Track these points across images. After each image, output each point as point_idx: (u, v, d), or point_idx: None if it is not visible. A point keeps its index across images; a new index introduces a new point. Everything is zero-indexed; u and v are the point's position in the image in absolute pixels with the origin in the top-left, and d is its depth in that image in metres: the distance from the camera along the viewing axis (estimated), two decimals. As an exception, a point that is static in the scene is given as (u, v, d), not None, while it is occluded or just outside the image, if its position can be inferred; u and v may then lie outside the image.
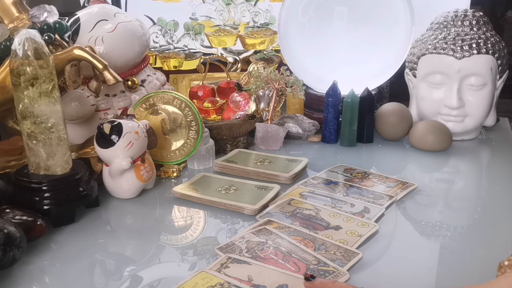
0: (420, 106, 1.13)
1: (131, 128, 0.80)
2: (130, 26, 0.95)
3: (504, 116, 1.25)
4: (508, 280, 0.45)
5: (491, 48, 1.05)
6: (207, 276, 0.59)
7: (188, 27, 1.35)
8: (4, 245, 0.60)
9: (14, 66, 0.70)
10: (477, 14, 1.11)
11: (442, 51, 1.07)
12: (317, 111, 1.19)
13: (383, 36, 1.16)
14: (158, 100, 0.92)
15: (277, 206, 0.78)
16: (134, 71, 0.97)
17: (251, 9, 1.34)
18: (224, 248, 0.65)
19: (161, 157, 0.93)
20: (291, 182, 0.89)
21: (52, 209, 0.73)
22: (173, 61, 1.33)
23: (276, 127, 1.07)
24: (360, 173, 0.92)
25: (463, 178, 0.97)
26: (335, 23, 1.18)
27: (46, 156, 0.74)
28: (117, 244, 0.72)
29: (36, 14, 0.84)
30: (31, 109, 0.72)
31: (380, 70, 1.19)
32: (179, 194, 0.83)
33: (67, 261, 0.66)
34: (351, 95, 1.07)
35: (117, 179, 0.81)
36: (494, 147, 1.11)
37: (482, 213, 0.78)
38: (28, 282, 0.61)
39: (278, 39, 1.25)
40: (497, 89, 1.11)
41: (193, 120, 0.92)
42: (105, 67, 0.82)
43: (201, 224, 0.77)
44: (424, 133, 1.04)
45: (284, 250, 0.65)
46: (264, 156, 0.99)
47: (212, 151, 0.98)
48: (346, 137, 1.09)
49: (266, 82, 1.12)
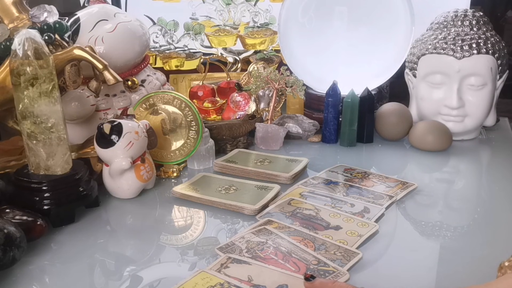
0: (420, 106, 1.13)
1: (131, 128, 0.80)
2: (130, 26, 0.95)
3: (504, 116, 1.25)
4: (509, 281, 0.45)
5: (491, 48, 1.05)
6: (207, 276, 0.59)
7: (188, 27, 1.35)
8: (4, 245, 0.60)
9: (14, 66, 0.70)
10: (477, 14, 1.11)
11: (442, 51, 1.07)
12: (317, 111, 1.19)
13: (383, 36, 1.16)
14: (158, 100, 0.92)
15: (277, 206, 0.78)
16: (134, 71, 0.97)
17: (251, 9, 1.34)
18: (224, 248, 0.65)
19: (161, 157, 0.93)
20: (291, 182, 0.89)
21: (52, 209, 0.73)
22: (174, 61, 1.33)
23: (276, 127, 1.07)
24: (360, 173, 0.92)
25: (463, 178, 0.97)
26: (335, 23, 1.18)
27: (46, 156, 0.74)
28: (117, 244, 0.72)
29: (36, 14, 0.84)
30: (31, 109, 0.72)
31: (380, 70, 1.19)
32: (179, 194, 0.83)
33: (67, 261, 0.66)
34: (351, 95, 1.07)
35: (117, 179, 0.81)
36: (494, 147, 1.11)
37: (482, 213, 0.78)
38: (28, 282, 0.61)
39: (278, 39, 1.25)
40: (497, 89, 1.11)
41: (193, 120, 0.92)
42: (105, 67, 0.82)
43: (201, 224, 0.77)
44: (424, 133, 1.04)
45: (284, 250, 0.65)
46: (264, 156, 0.99)
47: (212, 151, 0.98)
48: (346, 137, 1.09)
49: (266, 82, 1.12)
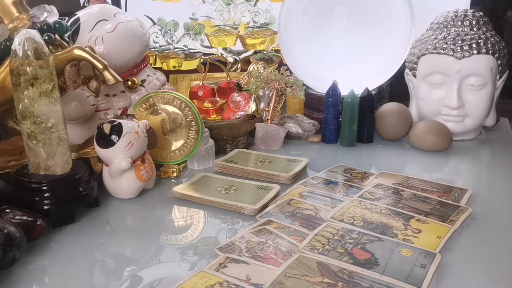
0: (420, 106, 1.13)
1: (131, 128, 0.80)
2: (130, 26, 0.95)
3: (504, 116, 1.25)
4: None
5: (491, 48, 1.05)
6: (206, 275, 0.59)
7: (188, 27, 1.35)
8: (4, 245, 0.60)
9: (14, 66, 0.70)
10: (477, 14, 1.11)
11: (442, 51, 1.07)
12: (317, 111, 1.19)
13: (383, 36, 1.16)
14: (158, 100, 0.92)
15: (277, 206, 0.78)
16: (134, 71, 0.97)
17: (251, 9, 1.34)
18: (224, 248, 0.65)
19: (161, 157, 0.93)
20: (291, 182, 0.89)
21: (52, 209, 0.73)
22: (172, 61, 1.33)
23: (276, 127, 1.07)
24: (360, 173, 0.92)
25: (463, 178, 0.97)
26: (335, 23, 1.18)
27: (46, 156, 0.74)
28: (117, 244, 0.72)
29: (36, 14, 0.84)
30: (31, 109, 0.72)
31: (380, 70, 1.19)
32: (179, 194, 0.83)
33: (67, 261, 0.66)
34: (351, 95, 1.07)
35: (117, 179, 0.81)
36: (494, 147, 1.11)
37: (482, 213, 0.78)
38: (28, 282, 0.61)
39: (278, 39, 1.25)
40: (497, 89, 1.11)
41: (193, 120, 0.92)
42: (105, 67, 0.82)
43: (201, 224, 0.77)
44: (424, 133, 1.04)
45: (284, 249, 0.65)
46: (264, 156, 0.99)
47: (212, 151, 0.98)
48: (346, 137, 1.09)
49: (266, 82, 1.12)
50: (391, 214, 0.74)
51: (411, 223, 0.72)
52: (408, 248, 0.65)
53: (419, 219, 0.73)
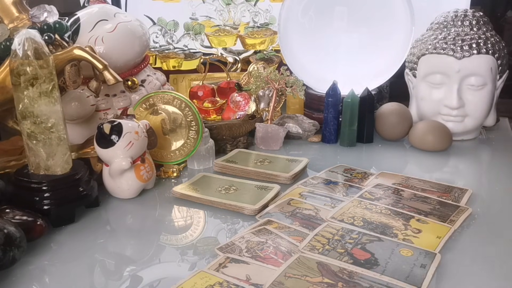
0: (420, 106, 1.13)
1: (131, 128, 0.80)
2: (130, 26, 0.95)
3: (504, 116, 1.25)
4: None
5: (491, 48, 1.05)
6: (206, 275, 0.59)
7: (188, 27, 1.35)
8: (4, 245, 0.60)
9: (14, 66, 0.70)
10: (477, 14, 1.11)
11: (442, 51, 1.07)
12: (317, 111, 1.19)
13: (383, 36, 1.16)
14: (158, 100, 0.92)
15: (277, 206, 0.78)
16: (134, 71, 0.97)
17: (251, 9, 1.34)
18: (224, 248, 0.65)
19: (161, 157, 0.93)
20: (291, 182, 0.89)
21: (52, 209, 0.73)
22: (172, 61, 1.33)
23: (276, 127, 1.07)
24: (360, 173, 0.92)
25: (463, 178, 0.97)
26: (335, 23, 1.18)
27: (46, 156, 0.74)
28: (117, 244, 0.72)
29: (36, 14, 0.84)
30: (31, 109, 0.72)
31: (380, 70, 1.19)
32: (179, 194, 0.83)
33: (67, 261, 0.66)
34: (351, 95, 1.07)
35: (117, 179, 0.81)
36: (494, 147, 1.11)
37: (482, 213, 0.78)
38: (28, 282, 0.61)
39: (278, 39, 1.25)
40: (497, 89, 1.11)
41: (193, 120, 0.92)
42: (105, 67, 0.82)
43: (201, 224, 0.77)
44: (424, 133, 1.04)
45: (284, 249, 0.65)
46: (264, 156, 0.99)
47: (212, 151, 0.98)
48: (346, 137, 1.09)
49: (266, 82, 1.12)
50: (391, 214, 0.74)
51: (411, 223, 0.72)
52: (408, 248, 0.65)
53: (419, 219, 0.73)
